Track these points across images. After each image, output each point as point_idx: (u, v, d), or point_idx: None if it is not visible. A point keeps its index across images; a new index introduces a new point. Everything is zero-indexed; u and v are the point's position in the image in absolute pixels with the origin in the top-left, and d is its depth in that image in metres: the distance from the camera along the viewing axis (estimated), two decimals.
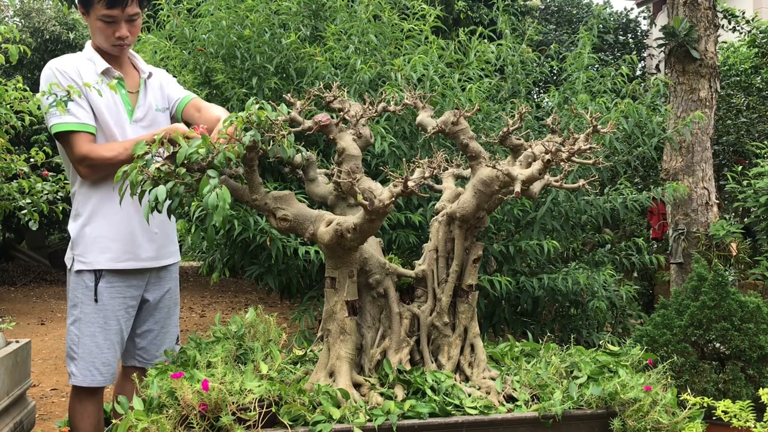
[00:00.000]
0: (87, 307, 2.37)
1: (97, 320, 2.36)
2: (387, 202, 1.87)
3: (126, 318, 2.43)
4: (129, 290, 2.42)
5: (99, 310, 2.36)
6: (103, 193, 2.38)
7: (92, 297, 2.36)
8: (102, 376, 2.38)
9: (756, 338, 2.64)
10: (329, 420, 1.86)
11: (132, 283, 2.43)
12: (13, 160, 3.16)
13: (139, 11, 2.38)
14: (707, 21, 5.38)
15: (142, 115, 2.46)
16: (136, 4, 2.36)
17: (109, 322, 2.38)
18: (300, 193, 3.04)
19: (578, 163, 2.20)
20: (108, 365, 2.39)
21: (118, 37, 2.36)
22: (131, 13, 2.35)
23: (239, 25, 3.88)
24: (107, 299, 2.37)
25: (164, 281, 2.56)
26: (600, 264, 4.31)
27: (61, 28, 9.61)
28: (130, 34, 2.39)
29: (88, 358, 2.36)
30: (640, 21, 13.60)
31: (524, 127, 2.51)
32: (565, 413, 1.99)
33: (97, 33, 2.37)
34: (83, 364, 2.37)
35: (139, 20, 2.40)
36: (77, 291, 2.39)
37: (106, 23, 2.34)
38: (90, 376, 2.37)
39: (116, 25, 2.34)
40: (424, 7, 4.25)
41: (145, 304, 2.52)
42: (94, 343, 2.36)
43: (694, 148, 5.37)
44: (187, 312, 8.17)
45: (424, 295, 2.28)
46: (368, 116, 2.40)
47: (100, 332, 2.37)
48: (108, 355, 2.39)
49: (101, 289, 2.37)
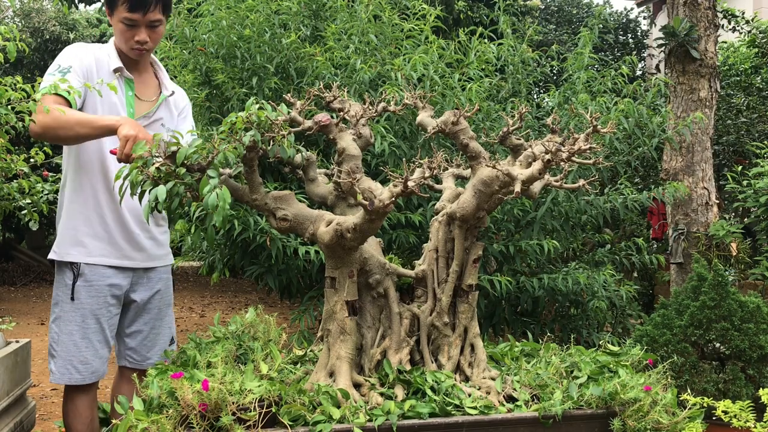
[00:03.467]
0: (66, 305, 2.39)
1: (74, 318, 2.38)
2: (387, 202, 1.87)
3: (108, 316, 2.43)
4: (109, 289, 2.42)
5: (76, 308, 2.38)
6: (82, 188, 2.40)
7: (69, 295, 2.38)
8: (80, 374, 2.38)
9: (756, 338, 2.64)
10: (329, 420, 1.86)
11: (112, 282, 2.42)
12: (13, 160, 3.15)
13: (161, 18, 2.39)
14: (707, 21, 5.38)
15: (146, 124, 2.46)
16: (159, 11, 2.37)
17: (87, 321, 2.38)
18: (300, 193, 3.04)
19: (578, 163, 2.20)
20: (86, 364, 2.39)
21: (137, 41, 2.37)
22: (152, 19, 2.36)
23: (239, 25, 3.88)
24: (84, 298, 2.38)
25: (153, 282, 2.56)
26: (600, 264, 4.31)
27: (61, 28, 9.61)
28: (150, 40, 2.40)
29: (66, 356, 2.37)
30: (640, 21, 13.60)
31: (524, 127, 2.51)
32: (565, 413, 1.99)
33: (119, 35, 2.40)
34: (61, 362, 2.38)
35: (161, 28, 2.42)
36: (58, 289, 2.42)
37: (127, 26, 2.36)
38: (68, 374, 2.37)
39: (136, 29, 2.36)
40: (425, 7, 4.25)
41: (132, 304, 2.52)
42: (72, 342, 2.37)
43: (694, 148, 5.37)
44: (187, 312, 8.17)
45: (424, 295, 2.28)
46: (368, 116, 2.40)
47: (78, 330, 2.37)
48: (87, 353, 2.38)
49: (78, 288, 2.38)
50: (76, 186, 2.41)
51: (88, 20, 11.41)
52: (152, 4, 2.33)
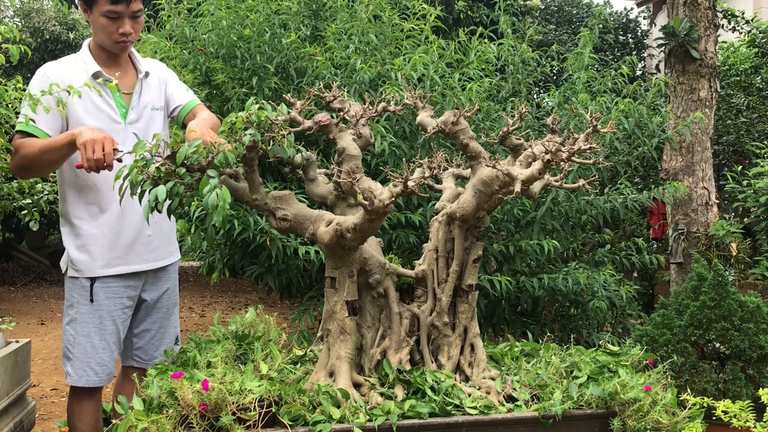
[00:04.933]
0: (83, 307, 2.37)
1: (92, 320, 2.36)
2: (387, 202, 1.87)
3: (123, 318, 2.43)
4: (125, 290, 2.42)
5: (95, 310, 2.36)
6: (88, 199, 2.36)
7: (88, 297, 2.36)
8: (97, 376, 2.38)
9: (756, 338, 2.64)
10: (329, 420, 1.86)
11: (128, 284, 2.42)
12: None
13: (142, 7, 2.36)
14: (707, 21, 5.38)
15: (137, 117, 2.43)
16: (140, 0, 2.34)
17: (105, 323, 2.38)
18: (300, 193, 3.03)
19: (578, 163, 2.20)
20: (103, 365, 2.39)
21: (121, 33, 2.33)
22: (135, 9, 2.33)
23: (239, 24, 3.88)
24: (103, 299, 2.37)
25: (162, 281, 2.55)
26: (600, 264, 4.31)
27: (61, 28, 9.61)
28: (134, 31, 2.36)
29: (84, 358, 2.36)
30: (640, 21, 13.61)
31: (524, 127, 2.51)
32: (565, 413, 1.99)
33: (100, 30, 2.35)
34: (78, 364, 2.37)
35: (142, 17, 2.38)
36: (73, 291, 2.39)
37: (110, 19, 2.31)
38: (86, 376, 2.37)
39: (120, 21, 2.32)
40: (425, 7, 4.25)
41: (142, 303, 2.51)
42: (90, 344, 2.36)
43: (694, 148, 5.37)
44: (187, 312, 8.17)
45: (424, 295, 2.28)
46: (368, 116, 2.40)
47: (96, 332, 2.37)
48: (103, 355, 2.38)
49: (97, 290, 2.36)
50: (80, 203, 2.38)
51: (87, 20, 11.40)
52: None
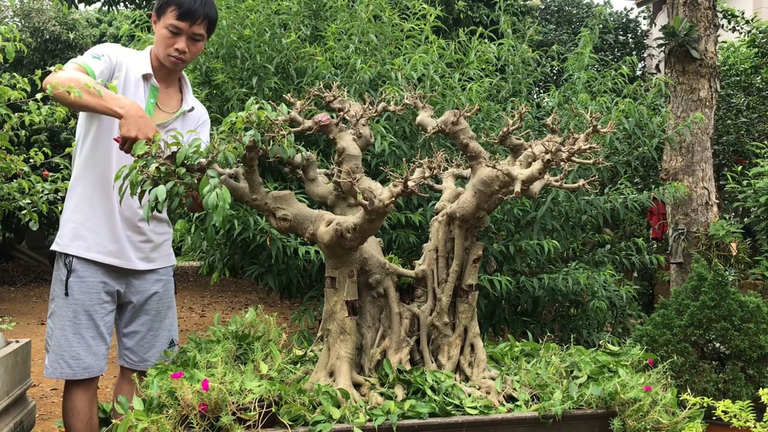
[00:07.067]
0: (60, 300, 2.42)
1: (67, 314, 2.40)
2: (387, 202, 1.87)
3: (102, 313, 2.44)
4: (102, 285, 2.44)
5: (69, 304, 2.40)
6: (92, 183, 2.41)
7: (63, 291, 2.41)
8: (71, 369, 2.39)
9: (756, 338, 2.64)
10: (329, 420, 1.86)
11: (104, 279, 2.44)
12: (12, 160, 3.16)
13: (204, 33, 2.44)
14: (707, 21, 5.38)
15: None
16: (204, 27, 2.42)
17: (79, 317, 2.40)
18: (300, 193, 3.04)
19: (578, 163, 2.20)
20: (78, 359, 2.40)
21: (176, 48, 2.41)
22: (196, 31, 2.41)
23: (239, 24, 3.89)
24: (77, 293, 2.40)
25: (149, 284, 2.56)
26: (600, 264, 4.31)
27: (61, 28, 9.61)
28: (189, 52, 2.44)
29: (58, 351, 2.40)
30: (640, 21, 13.60)
31: (524, 127, 2.51)
32: (565, 413, 1.99)
33: (159, 41, 2.44)
34: (53, 356, 2.40)
35: (201, 44, 2.47)
36: (54, 285, 2.45)
37: (171, 33, 2.40)
38: (59, 369, 2.39)
39: (179, 37, 2.41)
40: (425, 7, 4.25)
41: (129, 305, 2.54)
42: (64, 337, 2.40)
43: (694, 148, 5.37)
44: (187, 312, 8.17)
45: (424, 295, 2.28)
46: (368, 116, 2.40)
47: (70, 326, 2.40)
48: (78, 348, 2.40)
49: (71, 284, 2.40)
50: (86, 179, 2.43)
51: (88, 20, 11.42)
52: (200, 17, 2.39)
